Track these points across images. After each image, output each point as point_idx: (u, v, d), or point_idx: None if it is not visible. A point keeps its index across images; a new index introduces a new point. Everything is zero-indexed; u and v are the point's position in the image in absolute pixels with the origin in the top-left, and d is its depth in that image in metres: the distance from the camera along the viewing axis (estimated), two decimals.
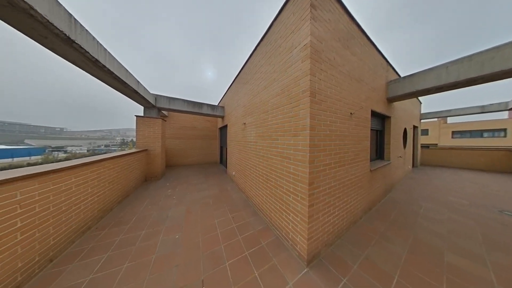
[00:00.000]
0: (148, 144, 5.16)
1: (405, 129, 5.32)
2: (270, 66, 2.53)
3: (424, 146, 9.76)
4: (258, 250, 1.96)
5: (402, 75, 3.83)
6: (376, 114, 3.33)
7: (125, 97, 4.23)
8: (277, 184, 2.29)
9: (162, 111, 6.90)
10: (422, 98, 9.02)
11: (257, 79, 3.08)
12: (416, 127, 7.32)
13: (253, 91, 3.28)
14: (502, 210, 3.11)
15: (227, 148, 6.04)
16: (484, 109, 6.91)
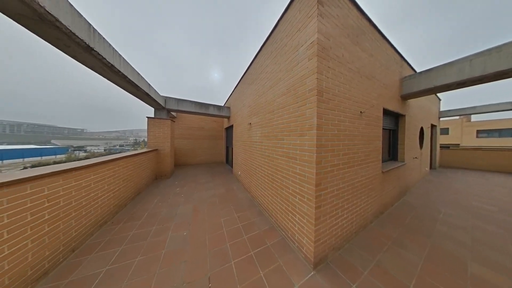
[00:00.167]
0: (158, 144, 5.40)
1: (422, 128, 4.96)
2: (275, 66, 2.52)
3: (444, 147, 9.02)
4: (263, 251, 1.96)
5: (418, 71, 3.57)
6: (388, 112, 3.15)
7: (138, 100, 4.48)
8: (283, 185, 2.26)
9: (171, 112, 7.18)
10: (441, 94, 8.35)
11: (262, 79, 3.08)
12: (435, 126, 6.79)
13: (259, 91, 3.28)
14: None
15: (233, 148, 6.11)
16: None
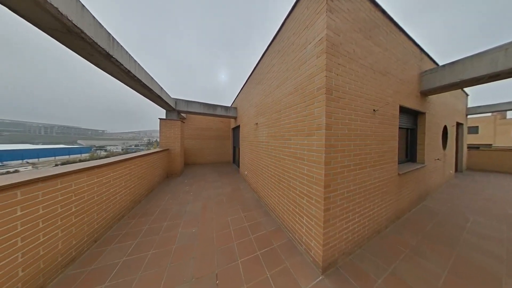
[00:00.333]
0: (169, 144, 5.67)
1: (445, 127, 4.51)
2: (282, 65, 2.49)
3: (473, 147, 8.09)
4: (270, 251, 1.95)
5: (440, 64, 3.26)
6: (406, 110, 2.92)
7: (151, 102, 4.77)
8: (290, 186, 2.23)
9: (181, 114, 7.50)
10: (468, 89, 7.51)
11: (269, 78, 3.06)
12: (461, 124, 6.13)
13: (265, 91, 3.27)
14: None
15: (239, 148, 6.17)
16: None
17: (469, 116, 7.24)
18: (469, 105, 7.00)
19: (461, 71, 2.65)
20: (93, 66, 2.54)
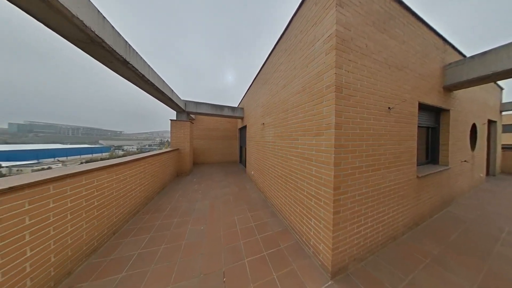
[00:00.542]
0: (179, 144, 5.93)
1: (474, 125, 4.04)
2: (289, 63, 2.45)
3: (509, 148, 7.12)
4: (276, 252, 1.93)
5: (468, 55, 2.93)
6: (426, 107, 2.69)
7: (163, 104, 5.02)
8: (297, 186, 2.18)
9: (190, 115, 7.78)
10: (503, 82, 6.65)
11: (276, 78, 3.03)
12: (494, 122, 5.44)
13: (272, 91, 3.24)
14: None
15: (246, 148, 6.21)
16: None
17: (504, 113, 6.40)
18: (504, 100, 6.17)
19: (494, 62, 2.36)
20: (112, 72, 2.75)
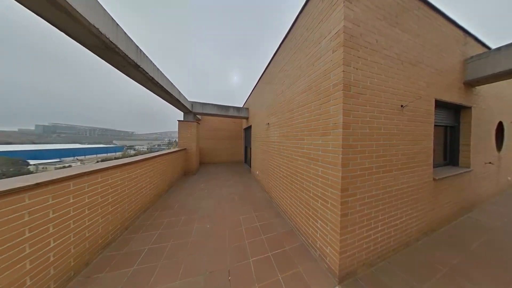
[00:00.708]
0: (186, 144, 6.10)
1: (501, 123, 3.68)
2: (295, 62, 2.41)
3: None
4: (281, 254, 1.91)
5: (492, 47, 2.68)
6: (444, 104, 2.50)
7: (171, 105, 5.20)
8: (303, 187, 2.14)
9: (197, 115, 7.98)
10: None
11: (281, 77, 3.01)
12: None
13: (277, 90, 3.22)
14: None
15: (251, 148, 6.23)
16: None
17: None
18: None
19: None
20: (125, 75, 2.90)
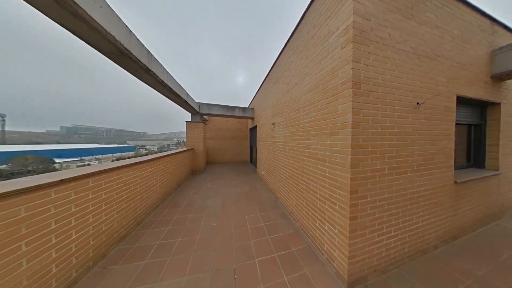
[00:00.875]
0: (194, 144, 6.28)
1: None
2: (301, 61, 2.36)
3: None
4: (287, 255, 1.89)
5: None
6: (467, 101, 2.29)
7: (179, 107, 5.39)
8: (309, 188, 2.10)
9: (203, 116, 8.18)
10: None
11: (287, 76, 2.97)
12: None
13: (283, 90, 3.18)
14: None
15: (256, 148, 6.23)
16: None
17: None
18: None
19: None
20: (137, 79, 3.06)
